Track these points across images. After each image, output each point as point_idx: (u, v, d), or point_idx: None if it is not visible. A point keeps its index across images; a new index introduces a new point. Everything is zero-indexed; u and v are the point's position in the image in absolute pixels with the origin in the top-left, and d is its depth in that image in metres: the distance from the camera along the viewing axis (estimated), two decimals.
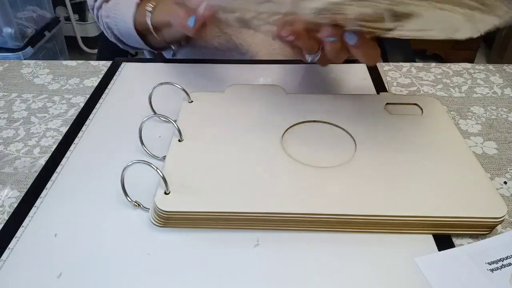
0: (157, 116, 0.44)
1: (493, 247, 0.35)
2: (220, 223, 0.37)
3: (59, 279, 0.34)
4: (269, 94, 0.50)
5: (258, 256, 0.35)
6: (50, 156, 0.46)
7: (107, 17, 0.63)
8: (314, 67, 0.60)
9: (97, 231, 0.38)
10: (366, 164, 0.41)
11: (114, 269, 0.35)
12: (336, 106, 0.48)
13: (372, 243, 0.36)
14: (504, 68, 0.62)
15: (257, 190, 0.38)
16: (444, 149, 0.42)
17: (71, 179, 0.43)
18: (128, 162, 0.37)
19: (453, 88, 0.58)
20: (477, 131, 0.50)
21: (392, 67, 0.62)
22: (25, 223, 0.39)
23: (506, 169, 0.44)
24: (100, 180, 0.43)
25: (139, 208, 0.39)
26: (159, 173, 0.37)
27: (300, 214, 0.36)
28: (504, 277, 0.33)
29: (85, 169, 0.44)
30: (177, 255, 0.36)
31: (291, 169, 0.40)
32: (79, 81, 0.60)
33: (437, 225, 0.36)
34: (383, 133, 0.44)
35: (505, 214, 0.36)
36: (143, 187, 0.40)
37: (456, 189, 0.38)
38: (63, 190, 0.42)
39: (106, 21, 0.63)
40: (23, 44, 1.63)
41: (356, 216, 0.36)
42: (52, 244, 0.37)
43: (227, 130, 0.45)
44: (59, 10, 2.01)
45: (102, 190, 0.41)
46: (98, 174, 0.43)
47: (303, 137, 0.45)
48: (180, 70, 0.61)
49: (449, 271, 0.34)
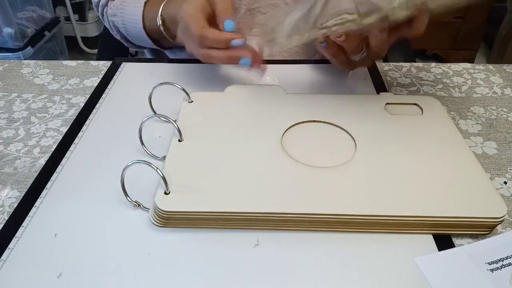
0: (157, 116, 0.44)
1: (493, 247, 0.35)
2: (220, 223, 0.37)
3: (59, 279, 0.34)
4: (269, 94, 0.50)
5: (258, 256, 0.35)
6: (50, 156, 0.46)
7: (113, 16, 0.63)
8: (314, 67, 0.60)
9: (97, 231, 0.38)
10: (366, 164, 0.41)
11: (114, 269, 0.34)
12: (336, 106, 0.48)
13: (372, 243, 0.36)
14: (504, 68, 0.62)
15: (257, 190, 0.38)
16: (444, 149, 0.42)
17: (71, 179, 0.43)
18: (128, 162, 0.37)
19: (453, 88, 0.58)
20: (477, 131, 0.50)
21: (392, 67, 0.62)
22: (25, 223, 0.39)
23: (506, 169, 0.44)
24: (100, 180, 0.43)
25: (139, 208, 0.39)
26: (159, 173, 0.37)
27: (300, 214, 0.36)
28: (504, 277, 0.33)
29: (85, 169, 0.44)
30: (177, 255, 0.36)
31: (291, 169, 0.40)
32: (79, 81, 0.60)
33: (437, 225, 0.36)
34: (383, 133, 0.44)
35: (505, 214, 0.36)
36: (143, 187, 0.40)
37: (456, 189, 0.38)
38: (63, 190, 0.42)
39: (112, 19, 0.63)
40: (23, 44, 1.63)
41: (356, 216, 0.36)
42: (52, 244, 0.37)
43: (227, 130, 0.45)
44: (59, 10, 2.01)
45: (102, 190, 0.41)
46: (98, 174, 0.43)
47: (303, 137, 0.45)
48: (180, 70, 0.61)
49: (449, 271, 0.34)
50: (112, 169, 0.43)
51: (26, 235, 0.37)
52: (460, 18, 1.88)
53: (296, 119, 0.47)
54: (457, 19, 1.88)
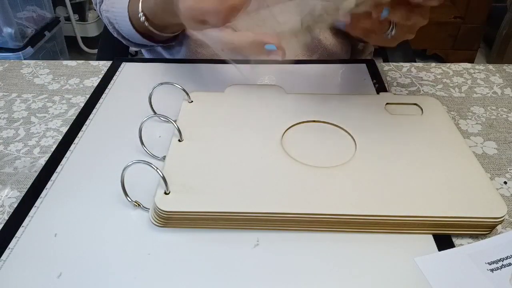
0: (157, 116, 0.44)
1: (493, 247, 0.35)
2: (220, 223, 0.37)
3: (59, 279, 0.34)
4: (269, 94, 0.50)
5: (258, 256, 0.35)
6: (50, 156, 0.46)
7: (107, 11, 0.62)
8: (314, 67, 0.60)
9: (97, 231, 0.38)
10: (366, 164, 0.41)
11: (114, 269, 0.35)
12: (336, 106, 0.48)
13: (372, 243, 0.36)
14: (504, 68, 0.62)
15: (257, 190, 0.38)
16: (444, 149, 0.42)
17: (71, 179, 0.43)
18: (128, 162, 0.37)
19: (453, 88, 0.58)
20: (477, 131, 0.50)
21: (392, 67, 0.62)
22: (25, 223, 0.39)
23: (506, 169, 0.44)
24: (100, 180, 0.43)
25: (139, 208, 0.39)
26: (159, 173, 0.37)
27: (300, 214, 0.36)
28: (504, 277, 0.33)
29: (85, 169, 0.44)
30: (177, 255, 0.36)
31: (291, 169, 0.40)
32: (79, 81, 0.60)
33: (437, 225, 0.36)
34: (383, 133, 0.44)
35: (505, 214, 0.36)
36: (143, 187, 0.40)
37: (456, 189, 0.38)
38: (63, 190, 0.42)
39: (107, 15, 0.63)
40: (23, 44, 1.63)
41: (356, 216, 0.36)
42: (52, 244, 0.37)
43: (227, 130, 0.45)
44: (59, 10, 2.01)
45: (102, 190, 0.41)
46: (98, 174, 0.43)
47: (303, 137, 0.45)
48: (180, 70, 0.61)
49: (449, 271, 0.34)
50: (112, 169, 0.43)
51: (26, 235, 0.37)
52: (460, 18, 1.88)
53: (296, 119, 0.47)
54: (457, 19, 1.88)
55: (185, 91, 0.49)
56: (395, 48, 0.74)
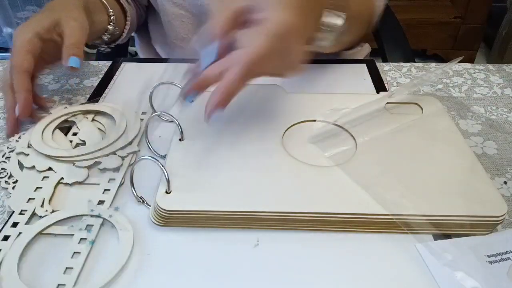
0: (159, 115, 0.44)
1: (493, 242, 0.36)
2: (220, 222, 0.37)
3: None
4: (269, 94, 0.50)
5: (258, 256, 0.35)
6: None
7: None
8: (314, 67, 0.60)
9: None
10: (366, 164, 0.41)
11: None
12: (336, 106, 0.48)
13: (372, 243, 0.36)
14: (504, 68, 0.62)
15: (257, 190, 0.38)
16: (444, 149, 0.42)
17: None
18: (137, 158, 0.37)
19: (453, 88, 0.58)
20: (477, 131, 0.50)
21: (392, 67, 0.62)
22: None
23: (506, 169, 0.44)
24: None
25: (142, 205, 0.39)
26: (164, 172, 0.37)
27: (300, 213, 0.36)
28: (502, 270, 0.33)
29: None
30: (178, 254, 0.36)
31: (291, 168, 0.40)
32: (79, 81, 0.60)
33: (437, 225, 0.36)
34: (383, 133, 0.44)
35: (505, 213, 0.36)
36: (143, 187, 0.40)
37: (456, 188, 0.38)
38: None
39: None
40: None
41: (356, 215, 0.36)
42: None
43: (228, 129, 0.45)
44: None
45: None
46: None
47: (303, 137, 0.45)
48: (180, 70, 0.61)
49: (449, 258, 0.34)
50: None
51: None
52: (460, 18, 1.88)
53: (296, 118, 0.47)
54: (457, 19, 1.88)
55: None
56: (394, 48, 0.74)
